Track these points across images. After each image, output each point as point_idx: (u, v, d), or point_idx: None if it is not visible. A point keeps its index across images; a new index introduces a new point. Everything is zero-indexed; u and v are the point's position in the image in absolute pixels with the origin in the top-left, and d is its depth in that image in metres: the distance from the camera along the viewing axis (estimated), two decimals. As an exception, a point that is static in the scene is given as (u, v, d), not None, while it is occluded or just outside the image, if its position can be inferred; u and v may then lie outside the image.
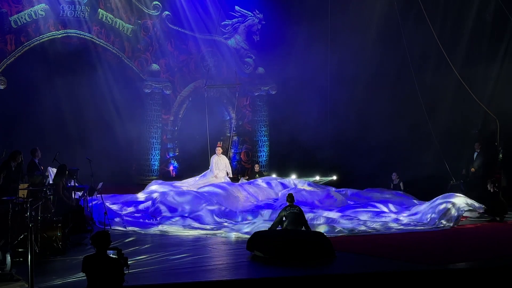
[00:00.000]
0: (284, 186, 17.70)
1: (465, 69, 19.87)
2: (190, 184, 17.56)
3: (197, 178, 17.97)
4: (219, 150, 18.06)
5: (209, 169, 17.97)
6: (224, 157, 18.18)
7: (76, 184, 13.82)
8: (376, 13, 20.68)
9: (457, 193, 19.47)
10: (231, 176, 18.37)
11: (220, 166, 17.86)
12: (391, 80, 21.16)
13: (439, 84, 21.05)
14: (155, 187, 17.00)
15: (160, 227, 14.00)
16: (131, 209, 15.85)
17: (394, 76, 21.13)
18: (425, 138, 20.73)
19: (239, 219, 14.88)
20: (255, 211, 15.37)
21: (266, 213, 15.04)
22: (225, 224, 14.41)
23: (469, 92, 19.42)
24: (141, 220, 14.70)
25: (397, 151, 20.94)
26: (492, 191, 16.10)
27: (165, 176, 19.92)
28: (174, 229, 13.91)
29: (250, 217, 14.90)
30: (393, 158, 20.72)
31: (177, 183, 17.63)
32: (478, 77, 20.25)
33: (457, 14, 20.98)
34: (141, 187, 18.70)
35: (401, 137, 21.06)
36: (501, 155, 19.62)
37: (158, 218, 14.70)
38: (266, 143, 22.21)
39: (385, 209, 16.15)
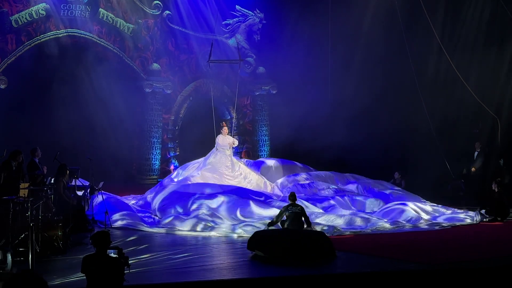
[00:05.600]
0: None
1: (466, 69, 19.87)
2: (199, 168, 17.53)
3: (200, 161, 17.86)
4: (225, 129, 17.79)
5: (214, 148, 17.83)
6: (229, 136, 17.94)
7: (77, 183, 13.86)
8: (377, 11, 20.66)
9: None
10: (237, 144, 18.40)
11: (226, 146, 17.66)
12: (392, 79, 21.15)
13: (441, 83, 21.08)
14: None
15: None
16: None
17: (395, 75, 21.12)
18: (425, 137, 20.75)
19: None
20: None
21: None
22: None
23: (470, 92, 19.43)
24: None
25: (398, 150, 20.96)
26: (496, 190, 16.08)
27: (165, 176, 19.90)
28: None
29: None
30: (394, 158, 20.74)
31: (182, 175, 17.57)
32: (480, 77, 20.25)
33: (458, 13, 21.02)
34: (141, 186, 18.74)
35: (402, 136, 21.08)
36: (501, 161, 19.64)
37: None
38: (267, 142, 22.21)
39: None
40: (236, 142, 18.26)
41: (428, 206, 16.00)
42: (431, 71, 21.19)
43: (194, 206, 15.02)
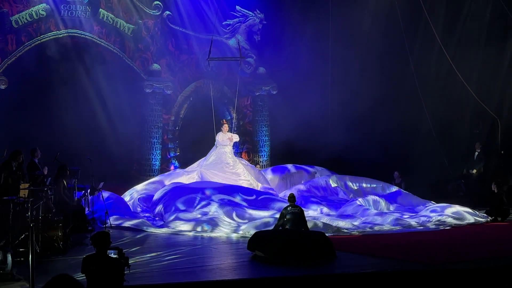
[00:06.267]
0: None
1: (466, 69, 19.88)
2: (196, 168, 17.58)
3: (200, 162, 17.92)
4: (225, 127, 17.86)
5: (214, 146, 17.86)
6: (229, 134, 17.98)
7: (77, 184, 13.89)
8: (378, 12, 20.67)
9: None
10: (237, 140, 18.43)
11: (226, 142, 17.69)
12: (393, 79, 21.16)
13: (441, 83, 21.09)
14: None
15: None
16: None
17: (396, 75, 21.13)
18: (426, 137, 20.78)
19: None
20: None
21: None
22: None
23: (471, 92, 19.44)
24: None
25: (398, 150, 20.96)
26: (496, 191, 16.08)
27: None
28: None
29: None
30: (394, 158, 20.73)
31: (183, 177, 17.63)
32: (480, 77, 20.27)
33: (458, 13, 21.05)
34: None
35: (402, 136, 21.09)
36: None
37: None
38: (267, 143, 22.20)
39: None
40: (236, 137, 18.24)
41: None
42: (431, 71, 21.21)
43: (197, 207, 15.04)
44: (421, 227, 14.54)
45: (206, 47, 20.46)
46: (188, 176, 17.50)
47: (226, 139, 17.61)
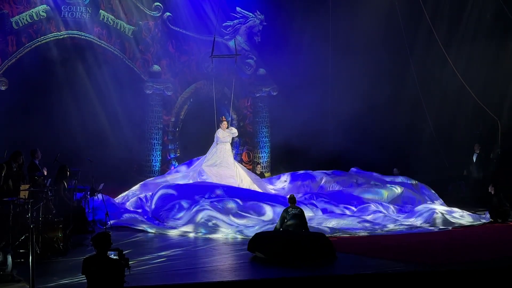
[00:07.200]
0: None
1: (467, 70, 19.89)
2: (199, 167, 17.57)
3: (201, 160, 17.90)
4: (224, 124, 17.82)
5: (214, 143, 17.82)
6: (228, 130, 17.92)
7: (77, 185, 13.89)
8: (378, 13, 20.68)
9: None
10: (236, 134, 18.30)
11: (226, 138, 17.63)
12: (393, 80, 21.16)
13: (442, 84, 21.09)
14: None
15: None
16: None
17: (396, 77, 21.13)
18: (426, 138, 20.78)
19: None
20: None
21: None
22: None
23: (471, 93, 19.44)
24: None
25: (398, 151, 20.96)
26: (493, 193, 16.06)
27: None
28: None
29: None
30: (394, 158, 20.74)
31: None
32: (480, 78, 20.27)
33: (459, 16, 21.07)
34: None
35: (402, 137, 21.09)
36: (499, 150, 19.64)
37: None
38: (267, 144, 22.19)
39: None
40: (235, 131, 18.17)
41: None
42: (432, 72, 21.20)
43: (197, 208, 15.00)
44: (430, 228, 14.54)
45: (206, 48, 20.49)
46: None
47: (226, 135, 17.61)
